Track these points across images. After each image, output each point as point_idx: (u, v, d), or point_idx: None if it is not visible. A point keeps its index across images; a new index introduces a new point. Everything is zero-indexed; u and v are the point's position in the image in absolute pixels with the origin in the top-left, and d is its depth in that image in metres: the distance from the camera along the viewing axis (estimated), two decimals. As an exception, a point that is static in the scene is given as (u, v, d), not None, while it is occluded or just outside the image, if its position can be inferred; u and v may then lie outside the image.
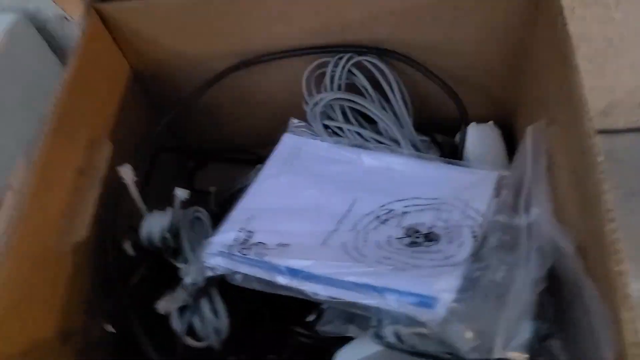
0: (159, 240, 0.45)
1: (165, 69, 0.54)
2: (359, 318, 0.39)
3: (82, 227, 0.43)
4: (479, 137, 0.52)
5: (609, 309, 0.31)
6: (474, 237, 0.40)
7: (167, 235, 0.45)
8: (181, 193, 0.46)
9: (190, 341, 0.41)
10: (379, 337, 0.39)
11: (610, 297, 0.31)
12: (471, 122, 0.53)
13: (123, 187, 0.45)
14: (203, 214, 0.48)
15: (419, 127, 0.53)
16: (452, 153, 0.53)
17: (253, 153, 0.60)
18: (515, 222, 0.38)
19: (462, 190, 0.45)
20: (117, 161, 0.47)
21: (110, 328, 0.41)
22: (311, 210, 0.45)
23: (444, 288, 0.36)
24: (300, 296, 0.39)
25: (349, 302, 0.38)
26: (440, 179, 0.46)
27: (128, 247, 0.46)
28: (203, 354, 0.42)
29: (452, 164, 0.48)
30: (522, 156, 0.42)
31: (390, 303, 0.37)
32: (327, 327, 0.40)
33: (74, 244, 0.42)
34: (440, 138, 0.56)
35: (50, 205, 0.41)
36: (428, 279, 0.37)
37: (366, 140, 0.50)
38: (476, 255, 0.39)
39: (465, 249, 0.39)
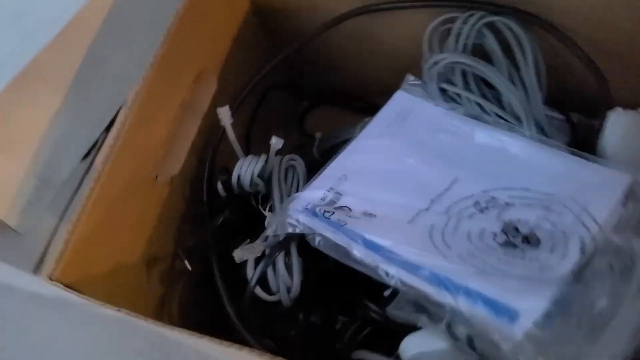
0: (249, 185, 0.45)
1: (287, 6, 0.52)
2: (432, 309, 0.36)
3: (178, 160, 0.44)
4: (622, 127, 0.44)
5: None
6: (582, 251, 0.35)
7: (258, 181, 0.45)
8: (276, 142, 0.45)
9: (260, 292, 0.41)
10: (451, 333, 0.36)
11: None
12: (617, 107, 0.45)
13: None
14: (298, 163, 0.47)
15: (554, 101, 0.46)
16: (587, 140, 0.46)
17: (368, 102, 0.57)
18: (636, 248, 0.32)
19: (582, 190, 0.39)
20: (223, 98, 0.47)
21: (187, 265, 0.42)
22: (406, 182, 0.42)
23: (529, 306, 0.32)
24: (372, 274, 0.37)
25: (421, 292, 0.35)
26: (558, 172, 0.40)
27: (220, 187, 0.46)
28: (272, 308, 0.42)
29: (578, 155, 0.41)
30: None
31: (463, 304, 0.34)
32: (397, 312, 0.38)
33: (169, 175, 0.43)
34: (577, 118, 0.49)
35: (149, 134, 0.42)
36: (513, 289, 0.33)
37: (486, 112, 0.45)
38: (578, 274, 0.34)
39: (567, 263, 0.34)
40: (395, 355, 0.40)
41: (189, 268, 0.43)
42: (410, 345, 0.39)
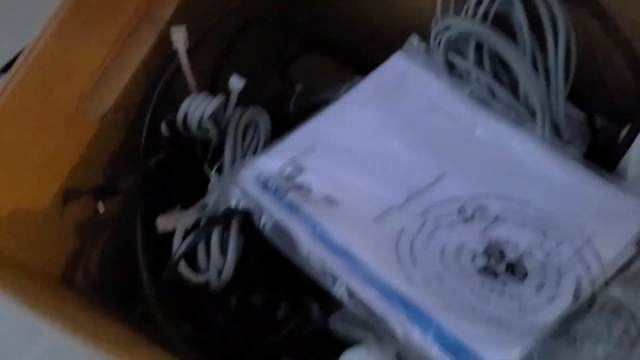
0: (196, 127, 0.37)
1: None
2: (381, 333, 0.30)
3: (114, 91, 0.36)
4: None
5: None
6: (576, 296, 0.28)
7: (209, 125, 0.37)
8: (236, 81, 0.37)
9: (185, 269, 0.34)
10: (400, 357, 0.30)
11: None
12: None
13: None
14: (263, 119, 0.39)
15: (576, 96, 0.39)
16: (608, 151, 0.38)
17: (366, 58, 0.48)
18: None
19: (590, 216, 0.32)
20: (189, 19, 0.39)
21: (101, 206, 0.35)
22: (384, 167, 0.35)
23: (498, 355, 0.26)
24: (316, 278, 0.31)
25: (371, 311, 0.29)
26: (567, 188, 0.33)
27: (163, 126, 0.38)
28: (200, 287, 0.35)
29: (594, 171, 0.34)
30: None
31: (419, 338, 0.27)
32: (342, 326, 0.32)
33: (99, 108, 0.36)
34: (601, 122, 0.41)
35: (74, 54, 0.34)
36: (482, 333, 0.27)
37: (496, 98, 0.37)
38: (565, 326, 0.27)
39: (554, 309, 0.28)
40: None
41: (101, 211, 0.35)
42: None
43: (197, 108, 0.37)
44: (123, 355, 0.25)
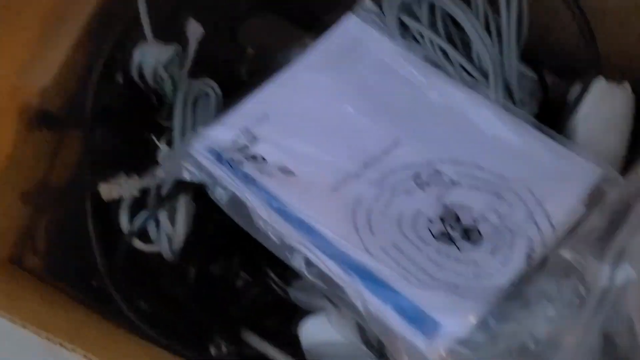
0: (152, 77, 0.36)
1: None
2: (341, 303, 0.30)
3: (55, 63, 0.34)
4: (602, 103, 0.37)
5: None
6: (528, 258, 0.29)
7: (164, 75, 0.36)
8: (194, 28, 0.36)
9: (136, 242, 0.33)
10: (361, 332, 0.30)
11: None
12: (600, 76, 0.38)
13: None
14: (214, 90, 0.38)
15: (527, 54, 0.39)
16: (559, 108, 0.39)
17: (319, 14, 0.47)
18: (591, 271, 0.26)
19: (541, 178, 0.32)
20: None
21: None
22: (339, 135, 0.34)
23: (454, 321, 0.27)
24: (275, 250, 0.31)
25: (330, 281, 0.29)
26: (518, 151, 0.34)
27: (119, 75, 0.37)
28: (155, 259, 0.35)
29: (545, 132, 0.34)
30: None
31: (378, 306, 0.28)
32: (301, 295, 0.32)
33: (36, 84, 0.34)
34: (551, 80, 0.42)
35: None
36: (439, 299, 0.27)
37: (449, 61, 0.37)
38: (518, 289, 0.28)
39: (508, 272, 0.28)
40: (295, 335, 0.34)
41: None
42: (311, 332, 0.33)
43: (151, 55, 0.35)
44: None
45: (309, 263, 0.30)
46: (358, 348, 0.31)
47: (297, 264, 0.30)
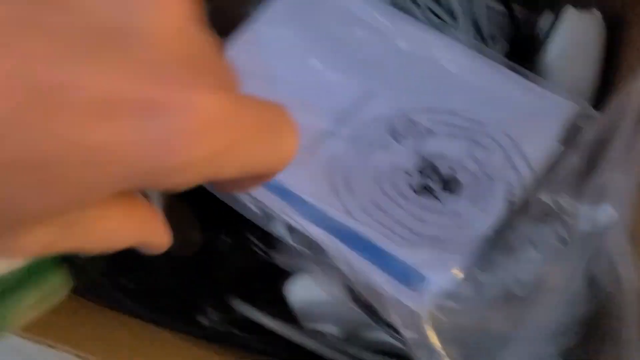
0: None
1: None
2: (324, 264, 0.30)
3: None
4: (573, 32, 0.36)
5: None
6: (508, 203, 0.29)
7: None
8: None
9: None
10: (347, 290, 0.30)
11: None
12: (569, 5, 0.37)
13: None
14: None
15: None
16: (528, 41, 0.38)
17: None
18: (571, 213, 0.26)
19: (517, 119, 0.32)
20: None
21: None
22: (309, 91, 0.33)
23: (441, 275, 0.27)
24: (254, 216, 0.30)
25: (313, 243, 0.29)
26: (491, 93, 0.33)
27: None
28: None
29: (517, 71, 0.33)
30: (621, 104, 0.28)
31: (362, 263, 0.28)
32: (284, 258, 0.31)
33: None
34: (520, 12, 0.41)
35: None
36: (423, 253, 0.27)
37: (416, 4, 0.35)
38: (500, 234, 0.28)
39: (489, 219, 0.28)
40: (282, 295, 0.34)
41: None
42: (299, 293, 0.33)
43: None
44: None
45: (291, 229, 0.29)
46: (348, 306, 0.31)
47: (280, 231, 0.29)
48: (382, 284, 0.27)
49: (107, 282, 0.35)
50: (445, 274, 0.27)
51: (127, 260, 0.35)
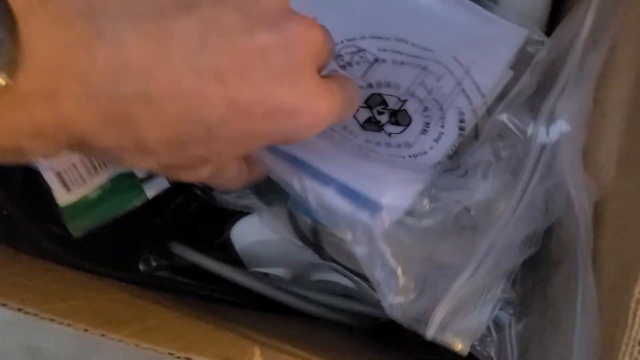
0: None
1: None
2: (270, 192, 0.28)
3: None
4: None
5: (608, 314, 0.21)
6: (461, 129, 0.28)
7: None
8: None
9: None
10: (292, 223, 0.29)
11: (616, 301, 0.21)
12: None
13: None
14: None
15: None
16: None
17: None
18: (524, 130, 0.25)
19: (466, 46, 0.30)
20: None
21: None
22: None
23: (397, 192, 0.25)
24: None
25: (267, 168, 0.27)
26: (440, 18, 0.31)
27: None
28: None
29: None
30: (572, 26, 0.27)
31: (316, 190, 0.26)
32: (228, 197, 0.30)
33: None
34: None
35: None
36: (375, 180, 0.26)
37: None
38: (454, 160, 0.27)
39: (442, 146, 0.27)
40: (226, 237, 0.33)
41: None
42: (243, 233, 0.31)
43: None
44: None
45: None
46: (292, 243, 0.29)
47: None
48: (336, 203, 0.26)
49: (36, 230, 0.32)
50: (401, 192, 0.26)
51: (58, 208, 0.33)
